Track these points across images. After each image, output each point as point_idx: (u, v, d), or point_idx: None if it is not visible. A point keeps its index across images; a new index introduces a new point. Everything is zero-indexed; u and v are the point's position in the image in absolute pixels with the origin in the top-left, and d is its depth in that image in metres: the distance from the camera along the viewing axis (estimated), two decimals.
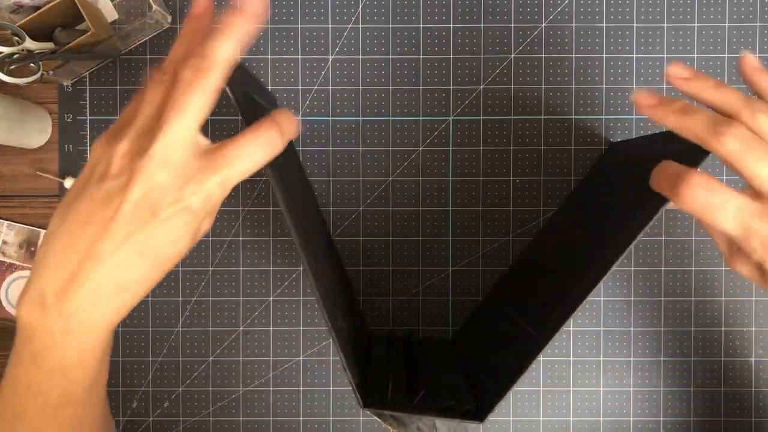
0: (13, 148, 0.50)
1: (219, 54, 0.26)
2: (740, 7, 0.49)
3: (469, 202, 0.50)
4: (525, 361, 0.33)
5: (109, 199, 0.25)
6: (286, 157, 0.35)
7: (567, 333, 0.50)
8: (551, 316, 0.34)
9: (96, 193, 0.26)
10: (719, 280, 0.49)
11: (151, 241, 0.26)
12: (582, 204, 0.46)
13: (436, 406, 0.35)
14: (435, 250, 0.50)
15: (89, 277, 0.26)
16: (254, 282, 0.50)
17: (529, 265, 0.47)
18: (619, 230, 0.33)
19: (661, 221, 0.49)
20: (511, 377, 0.33)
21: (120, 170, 0.26)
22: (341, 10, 0.49)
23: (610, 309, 0.50)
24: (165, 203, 0.26)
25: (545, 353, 0.42)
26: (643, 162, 0.37)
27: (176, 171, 0.26)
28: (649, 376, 0.49)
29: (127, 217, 0.25)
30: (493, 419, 0.50)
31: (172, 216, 0.26)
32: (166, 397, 0.50)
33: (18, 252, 0.50)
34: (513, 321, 0.40)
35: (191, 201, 0.26)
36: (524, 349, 0.35)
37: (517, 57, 0.49)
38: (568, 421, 0.49)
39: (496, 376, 0.36)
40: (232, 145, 0.27)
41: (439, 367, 0.42)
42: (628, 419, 0.49)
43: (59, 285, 0.26)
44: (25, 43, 0.43)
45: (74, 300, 0.26)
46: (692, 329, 0.49)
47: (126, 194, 0.25)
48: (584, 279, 0.34)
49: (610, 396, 0.50)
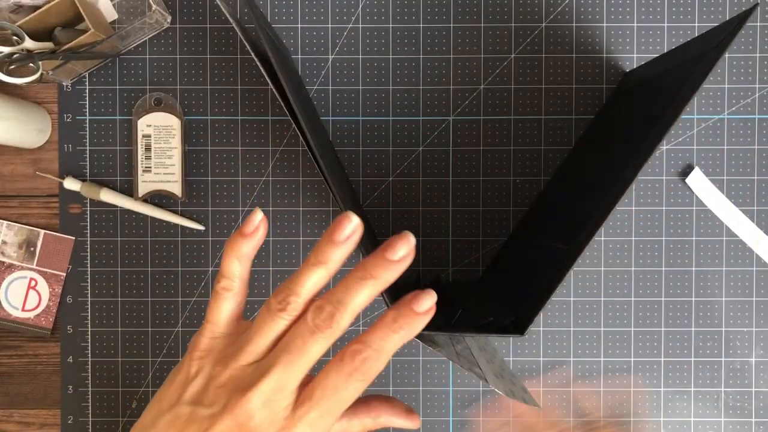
0: (12, 148, 0.50)
1: (355, 305, 0.26)
2: (741, 7, 0.49)
3: (469, 202, 0.50)
4: (561, 271, 0.33)
5: (194, 424, 0.26)
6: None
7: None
8: (582, 230, 0.34)
9: (182, 413, 0.26)
10: (719, 280, 0.49)
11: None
12: (599, 134, 0.45)
13: (474, 324, 0.35)
14: (435, 250, 0.50)
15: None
16: (254, 282, 0.50)
17: (552, 196, 0.46)
18: (644, 139, 0.34)
19: (662, 221, 0.49)
20: (549, 288, 0.33)
21: (214, 400, 0.26)
22: (341, 10, 0.49)
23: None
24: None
25: (576, 264, 0.41)
26: (658, 74, 0.38)
27: (273, 417, 0.25)
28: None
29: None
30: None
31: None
32: None
33: (17, 252, 0.50)
34: (542, 245, 0.40)
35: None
36: (559, 261, 0.35)
37: (517, 57, 0.49)
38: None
39: (532, 291, 0.35)
40: (319, 386, 0.26)
41: (471, 293, 0.42)
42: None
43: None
44: (24, 43, 0.43)
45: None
46: (692, 329, 0.49)
47: (214, 425, 0.25)
48: (612, 190, 0.33)
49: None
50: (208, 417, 0.25)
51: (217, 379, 0.26)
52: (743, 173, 0.49)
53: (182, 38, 0.49)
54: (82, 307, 0.50)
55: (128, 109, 0.49)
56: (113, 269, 0.50)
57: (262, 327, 0.27)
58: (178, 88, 0.49)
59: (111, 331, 0.50)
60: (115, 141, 0.49)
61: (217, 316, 0.29)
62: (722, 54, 0.30)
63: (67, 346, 0.50)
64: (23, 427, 0.50)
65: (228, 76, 0.49)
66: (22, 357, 0.50)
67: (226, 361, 0.27)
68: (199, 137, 0.49)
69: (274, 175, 0.50)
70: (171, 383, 0.28)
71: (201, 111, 0.49)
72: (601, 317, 0.49)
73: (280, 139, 0.50)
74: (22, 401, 0.50)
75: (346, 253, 0.26)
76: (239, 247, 0.29)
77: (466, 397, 0.50)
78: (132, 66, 0.49)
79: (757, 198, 0.49)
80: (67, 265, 0.50)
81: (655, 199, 0.49)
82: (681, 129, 0.49)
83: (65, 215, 0.50)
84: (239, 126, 0.50)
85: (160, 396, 0.28)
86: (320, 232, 0.50)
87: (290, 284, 0.26)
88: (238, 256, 0.29)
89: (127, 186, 0.50)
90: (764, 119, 0.49)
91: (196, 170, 0.50)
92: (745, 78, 0.49)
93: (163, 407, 0.27)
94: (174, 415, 0.26)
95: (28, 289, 0.50)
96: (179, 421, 0.26)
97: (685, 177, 0.49)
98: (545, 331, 0.50)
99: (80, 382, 0.50)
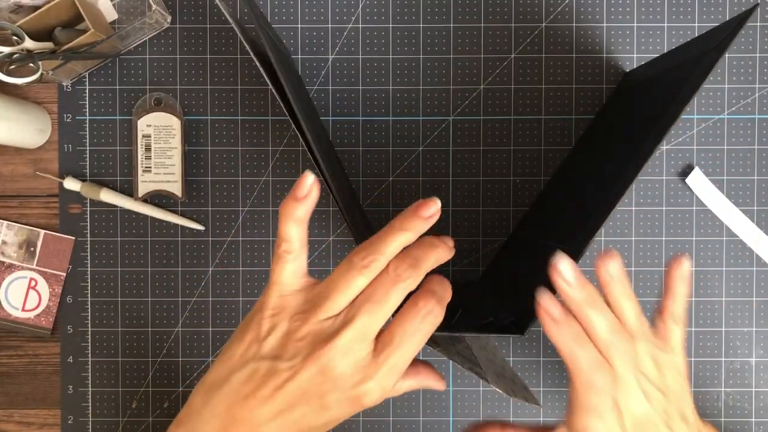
0: (12, 148, 0.50)
1: (429, 263, 0.28)
2: (741, 7, 0.49)
3: (469, 202, 0.50)
4: None
5: (275, 377, 0.26)
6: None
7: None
8: (582, 230, 0.34)
9: (261, 368, 0.27)
10: (719, 280, 0.49)
11: (308, 422, 0.27)
12: (599, 134, 0.45)
13: (474, 324, 0.35)
14: None
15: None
16: (254, 282, 0.50)
17: (552, 196, 0.47)
18: (644, 139, 0.34)
19: (662, 221, 0.49)
20: (549, 288, 0.33)
21: (295, 353, 0.27)
22: (341, 10, 0.49)
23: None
24: (335, 393, 0.26)
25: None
26: (658, 74, 0.38)
27: (356, 364, 0.27)
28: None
29: (289, 397, 0.26)
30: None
31: (337, 404, 0.27)
32: (166, 397, 0.50)
33: (17, 252, 0.50)
34: (542, 245, 0.40)
35: (363, 393, 0.27)
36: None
37: (517, 57, 0.49)
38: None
39: (532, 291, 0.36)
40: (398, 330, 0.27)
41: (471, 293, 0.42)
42: None
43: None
44: (24, 43, 0.43)
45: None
46: (692, 329, 0.49)
47: (296, 375, 0.26)
48: (612, 189, 0.34)
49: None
50: (289, 368, 0.26)
51: (295, 333, 0.27)
52: (743, 173, 0.49)
53: (182, 38, 0.49)
54: (82, 307, 0.50)
55: (128, 109, 0.49)
56: (113, 269, 0.50)
57: (341, 282, 0.28)
58: (178, 88, 0.49)
59: (111, 331, 0.50)
60: (115, 141, 0.49)
61: (283, 276, 0.29)
62: (722, 54, 0.30)
63: (67, 346, 0.50)
64: (23, 427, 0.50)
65: (228, 76, 0.49)
66: (22, 357, 0.50)
67: (304, 316, 0.27)
68: (199, 137, 0.49)
69: (274, 175, 0.50)
70: (240, 341, 0.28)
71: (201, 111, 0.49)
72: None
73: (280, 139, 0.50)
74: (22, 401, 0.50)
75: (426, 227, 0.29)
76: (294, 211, 0.29)
77: (466, 397, 0.50)
78: (132, 66, 0.49)
79: (757, 198, 0.49)
80: (67, 265, 0.50)
81: (655, 199, 0.49)
82: (681, 129, 0.49)
83: (65, 215, 0.50)
84: (239, 126, 0.50)
85: (231, 353, 0.28)
86: (320, 232, 0.50)
87: (374, 244, 0.28)
88: (294, 220, 0.29)
89: (127, 186, 0.50)
90: (764, 119, 0.49)
91: (196, 170, 0.50)
92: (745, 78, 0.49)
93: (235, 364, 0.28)
94: (251, 369, 0.27)
95: (28, 289, 0.50)
96: (257, 374, 0.27)
97: (685, 177, 0.49)
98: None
99: (80, 382, 0.50)
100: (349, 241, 0.50)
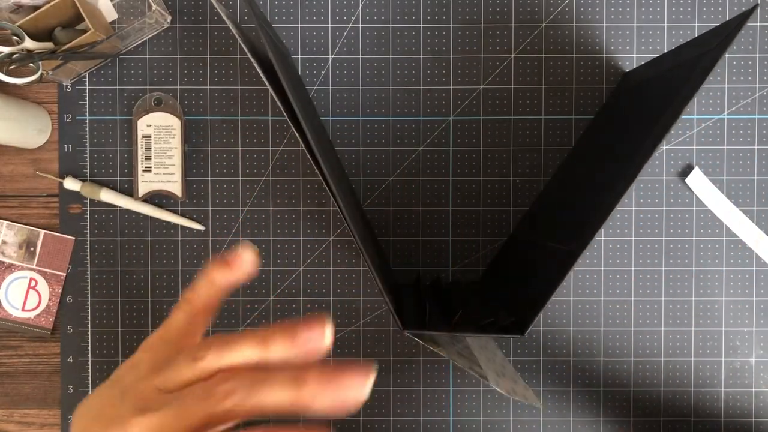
0: (12, 148, 0.50)
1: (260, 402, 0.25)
2: (741, 7, 0.49)
3: (469, 202, 0.50)
4: (561, 272, 0.33)
5: (115, 409, 0.27)
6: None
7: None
8: (582, 230, 0.34)
9: (114, 394, 0.27)
10: (719, 280, 0.49)
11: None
12: (599, 134, 0.45)
13: (475, 324, 0.35)
14: (435, 250, 0.50)
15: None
16: (254, 282, 0.50)
17: (552, 196, 0.47)
18: (644, 139, 0.34)
19: (662, 221, 0.49)
20: (549, 288, 0.33)
21: (132, 398, 0.27)
22: (341, 10, 0.49)
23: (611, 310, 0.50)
24: None
25: (576, 264, 0.40)
26: (658, 74, 0.38)
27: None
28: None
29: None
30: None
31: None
32: None
33: (17, 252, 0.50)
34: (542, 245, 0.40)
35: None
36: (559, 261, 0.35)
37: (517, 57, 0.49)
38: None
39: (533, 291, 0.36)
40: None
41: (472, 293, 0.42)
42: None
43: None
44: (24, 43, 0.43)
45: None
46: (692, 329, 0.49)
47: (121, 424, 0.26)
48: (612, 189, 0.34)
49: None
50: (120, 415, 0.26)
51: (140, 382, 0.27)
52: (743, 173, 0.49)
53: (182, 38, 0.49)
54: (82, 307, 0.50)
55: (128, 109, 0.49)
56: (113, 269, 0.50)
57: (179, 366, 0.27)
58: (178, 88, 0.49)
59: (111, 331, 0.50)
60: (115, 141, 0.49)
61: (171, 322, 0.29)
62: (722, 54, 0.30)
63: (67, 346, 0.50)
64: (23, 427, 0.50)
65: (228, 76, 0.49)
66: (22, 357, 0.50)
67: (152, 370, 0.27)
68: (199, 137, 0.49)
69: (274, 175, 0.50)
70: (128, 360, 0.29)
71: (201, 111, 0.49)
72: (601, 317, 0.49)
73: (280, 139, 0.50)
74: (22, 401, 0.50)
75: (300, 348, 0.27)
76: (215, 275, 0.29)
77: (466, 397, 0.50)
78: (132, 66, 0.49)
79: (757, 198, 0.49)
80: (67, 265, 0.50)
81: (655, 199, 0.49)
82: (681, 129, 0.49)
83: (65, 215, 0.50)
84: (239, 126, 0.50)
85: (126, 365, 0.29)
86: (320, 232, 0.50)
87: (220, 348, 0.26)
88: (212, 281, 0.29)
89: (127, 186, 0.50)
90: (764, 119, 0.49)
91: (196, 170, 0.50)
92: (745, 78, 0.49)
93: (113, 378, 0.29)
94: (112, 390, 0.28)
95: (28, 289, 0.50)
96: (113, 398, 0.27)
97: (685, 177, 0.49)
98: (545, 331, 0.50)
99: (80, 382, 0.50)
100: (349, 241, 0.50)
